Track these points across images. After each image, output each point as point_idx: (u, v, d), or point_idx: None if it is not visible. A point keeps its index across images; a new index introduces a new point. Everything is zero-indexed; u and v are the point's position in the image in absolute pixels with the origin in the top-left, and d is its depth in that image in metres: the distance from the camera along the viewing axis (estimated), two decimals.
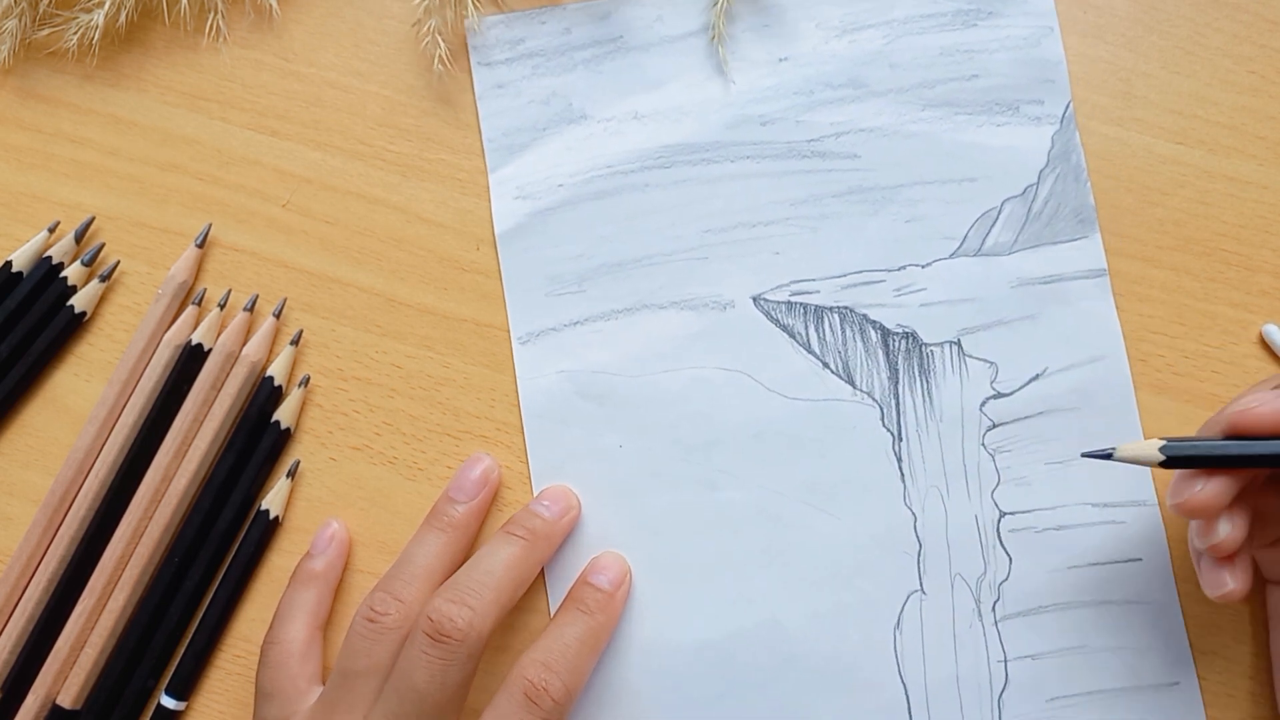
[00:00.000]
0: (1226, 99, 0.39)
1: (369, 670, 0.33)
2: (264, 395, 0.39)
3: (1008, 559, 0.37)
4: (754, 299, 0.38)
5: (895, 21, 0.39)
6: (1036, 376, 0.37)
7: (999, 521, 0.37)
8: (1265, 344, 0.37)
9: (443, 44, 0.40)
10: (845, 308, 0.38)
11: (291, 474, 0.39)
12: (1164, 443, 0.30)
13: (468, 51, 0.40)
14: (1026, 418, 0.37)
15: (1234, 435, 0.30)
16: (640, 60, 0.40)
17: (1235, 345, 0.37)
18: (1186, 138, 0.39)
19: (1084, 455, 0.33)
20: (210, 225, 0.40)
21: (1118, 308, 0.38)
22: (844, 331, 0.38)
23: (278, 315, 0.40)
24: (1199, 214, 0.38)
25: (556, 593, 0.37)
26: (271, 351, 0.40)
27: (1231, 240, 0.38)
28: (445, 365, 0.39)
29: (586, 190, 0.39)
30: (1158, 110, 0.39)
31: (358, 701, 0.33)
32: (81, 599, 0.38)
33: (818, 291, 0.38)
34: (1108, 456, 0.32)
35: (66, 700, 0.37)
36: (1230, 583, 0.30)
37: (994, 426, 0.37)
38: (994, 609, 0.37)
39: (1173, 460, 0.30)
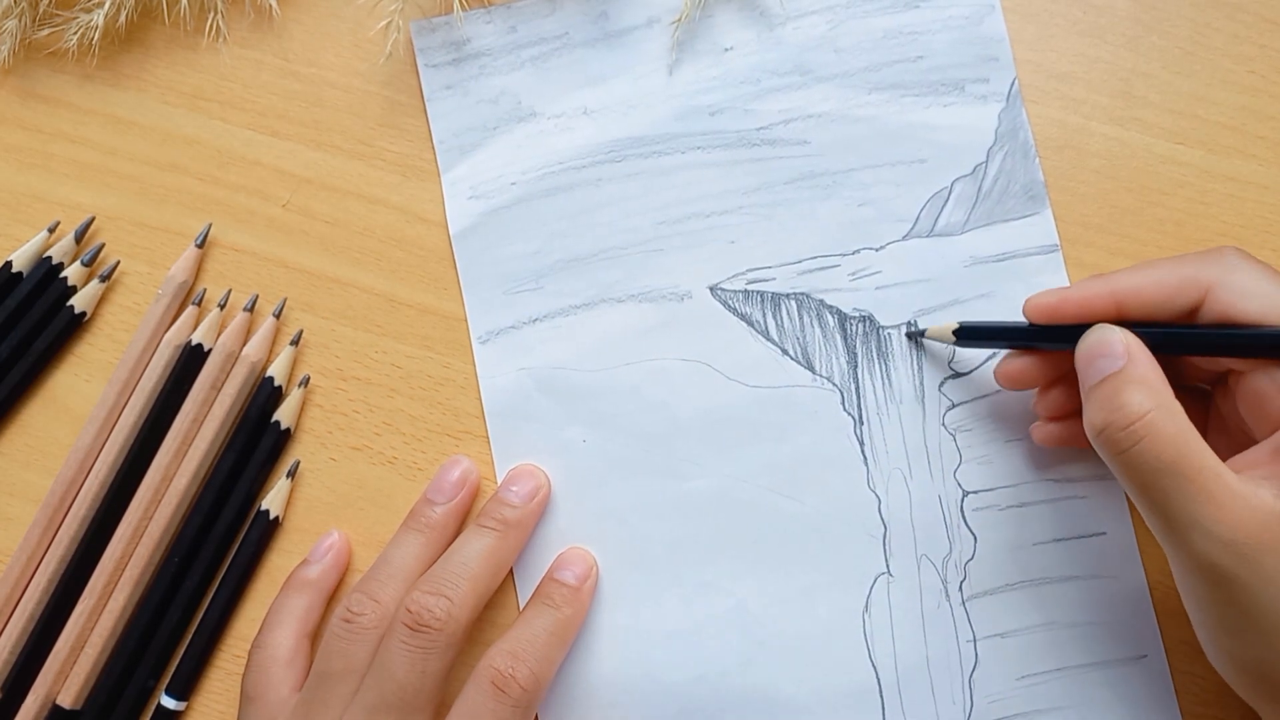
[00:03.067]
0: (1226, 99, 0.39)
1: (346, 671, 0.33)
2: (264, 395, 0.39)
3: (973, 538, 0.37)
4: (711, 289, 0.39)
5: (838, 6, 0.39)
6: (993, 355, 0.38)
7: (962, 501, 0.37)
8: None
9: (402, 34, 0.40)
10: (802, 294, 0.38)
11: (291, 474, 0.39)
12: (959, 324, 0.36)
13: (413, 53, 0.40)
14: (985, 396, 0.38)
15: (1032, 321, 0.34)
16: (586, 56, 0.40)
17: None
18: (1186, 138, 0.39)
19: (905, 334, 0.38)
20: (210, 225, 0.40)
21: None
22: (801, 318, 0.38)
23: (278, 315, 0.40)
24: (1199, 214, 0.38)
25: (525, 588, 0.38)
26: (271, 351, 0.40)
27: (1231, 240, 0.38)
28: (445, 365, 0.39)
29: (539, 187, 0.39)
30: (1158, 110, 0.39)
31: (335, 701, 0.33)
32: (81, 599, 0.38)
33: (774, 279, 0.39)
34: (922, 334, 0.37)
35: (66, 700, 0.37)
36: (1057, 434, 0.35)
37: (954, 406, 0.38)
38: (961, 589, 0.37)
39: (963, 335, 0.36)
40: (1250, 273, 0.31)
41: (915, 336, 0.38)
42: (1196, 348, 0.31)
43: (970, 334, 0.36)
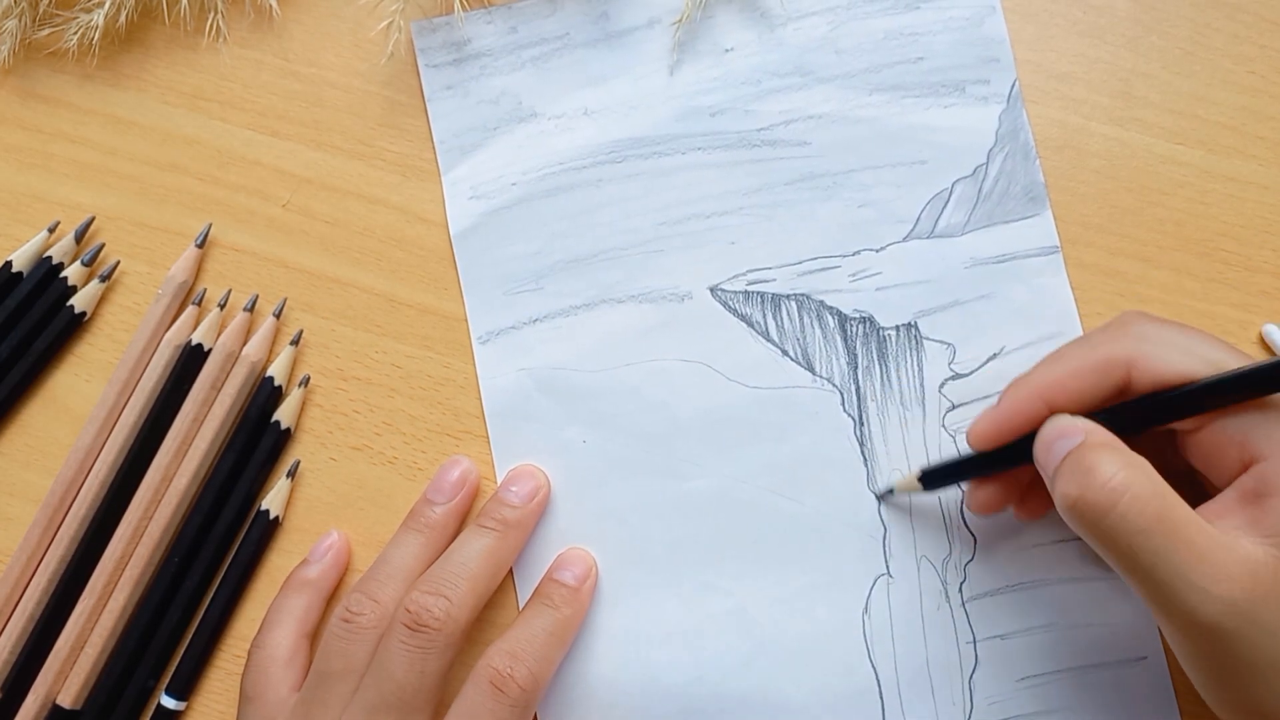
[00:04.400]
0: (1226, 99, 0.39)
1: (345, 671, 0.33)
2: (264, 395, 0.39)
3: (972, 539, 0.37)
4: (711, 289, 0.39)
5: (839, 8, 0.39)
6: (994, 356, 0.38)
7: (962, 502, 0.37)
8: (1265, 344, 0.38)
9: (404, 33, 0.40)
10: (802, 295, 0.38)
11: (291, 474, 0.39)
12: (921, 471, 0.36)
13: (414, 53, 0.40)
14: (986, 397, 0.38)
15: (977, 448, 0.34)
16: (587, 56, 0.40)
17: (1235, 345, 0.37)
18: (1186, 138, 0.39)
19: (878, 498, 0.37)
20: (210, 225, 0.40)
21: (1118, 308, 0.38)
22: (802, 318, 0.38)
23: (278, 315, 0.40)
24: (1199, 214, 0.38)
25: (525, 588, 0.38)
26: (271, 351, 0.40)
27: (1231, 240, 0.38)
28: (445, 365, 0.39)
29: (540, 187, 0.39)
30: (1158, 110, 0.39)
31: (334, 701, 0.33)
32: (81, 599, 0.38)
33: (774, 280, 0.39)
34: (890, 492, 0.37)
35: (66, 700, 0.37)
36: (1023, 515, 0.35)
37: (954, 407, 0.38)
38: (961, 590, 0.37)
39: (928, 482, 0.35)
40: (1162, 335, 0.31)
41: (883, 496, 0.37)
42: (1142, 420, 0.31)
43: (935, 477, 0.35)
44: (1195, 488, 0.32)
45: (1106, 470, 0.28)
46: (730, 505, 0.38)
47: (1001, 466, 0.34)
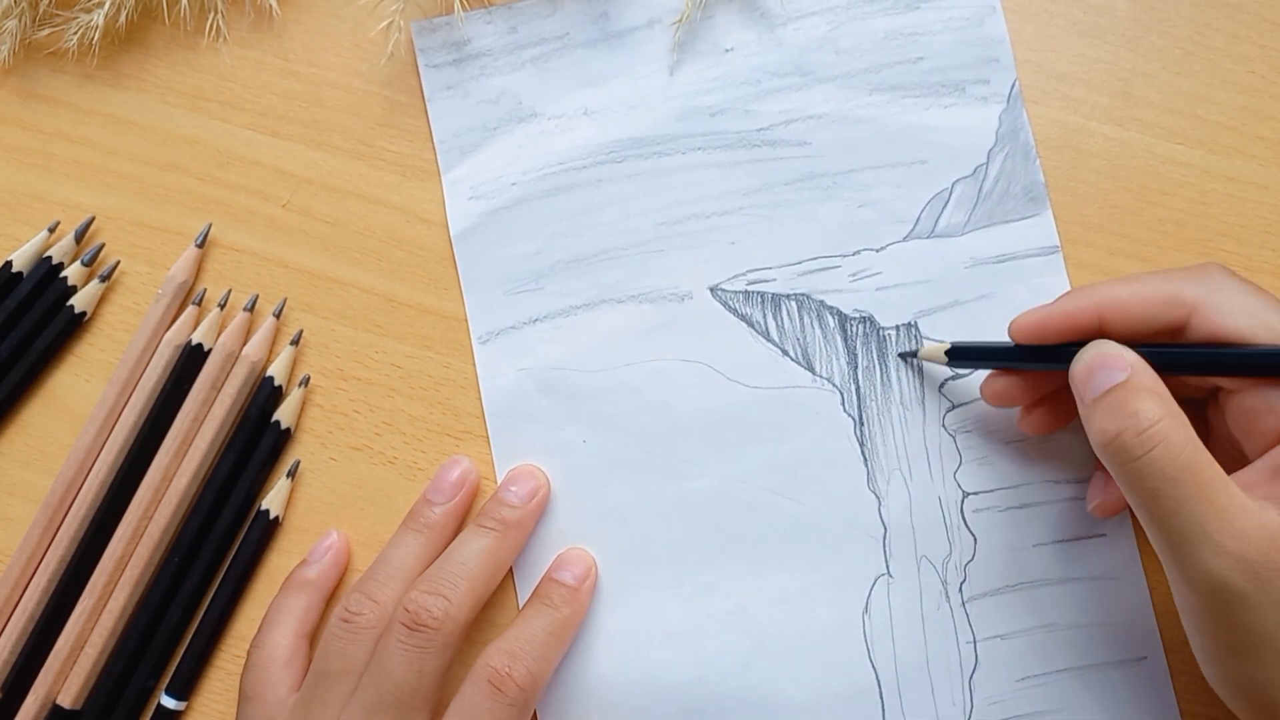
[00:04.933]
0: (1226, 99, 0.39)
1: (344, 670, 0.33)
2: (264, 395, 0.39)
3: (973, 539, 0.37)
4: (711, 289, 0.39)
5: (839, 7, 0.39)
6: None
7: (962, 502, 0.37)
8: None
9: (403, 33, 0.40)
10: (802, 295, 0.38)
11: (291, 474, 0.39)
12: (951, 344, 0.36)
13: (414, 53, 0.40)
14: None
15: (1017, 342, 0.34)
16: (587, 56, 0.40)
17: None
18: (1186, 138, 0.39)
19: (899, 354, 0.38)
20: (210, 225, 0.40)
21: None
22: (802, 318, 0.38)
23: (278, 315, 0.40)
24: (1199, 214, 0.38)
25: (524, 588, 0.38)
26: (271, 351, 0.40)
27: (1231, 240, 0.38)
28: (445, 365, 0.39)
29: (540, 187, 0.39)
30: (1158, 110, 0.39)
31: (333, 700, 0.33)
32: (81, 599, 0.38)
33: (774, 280, 0.39)
34: (914, 355, 0.37)
35: (66, 700, 0.37)
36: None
37: (954, 407, 0.38)
38: (961, 590, 0.37)
39: (955, 355, 0.36)
40: (1236, 291, 0.31)
41: (908, 356, 0.38)
42: (1188, 367, 0.31)
43: (962, 354, 0.36)
44: (1233, 457, 0.32)
45: (1148, 415, 0.29)
46: (730, 505, 0.38)
47: (1032, 363, 0.34)
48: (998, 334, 0.38)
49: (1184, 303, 0.31)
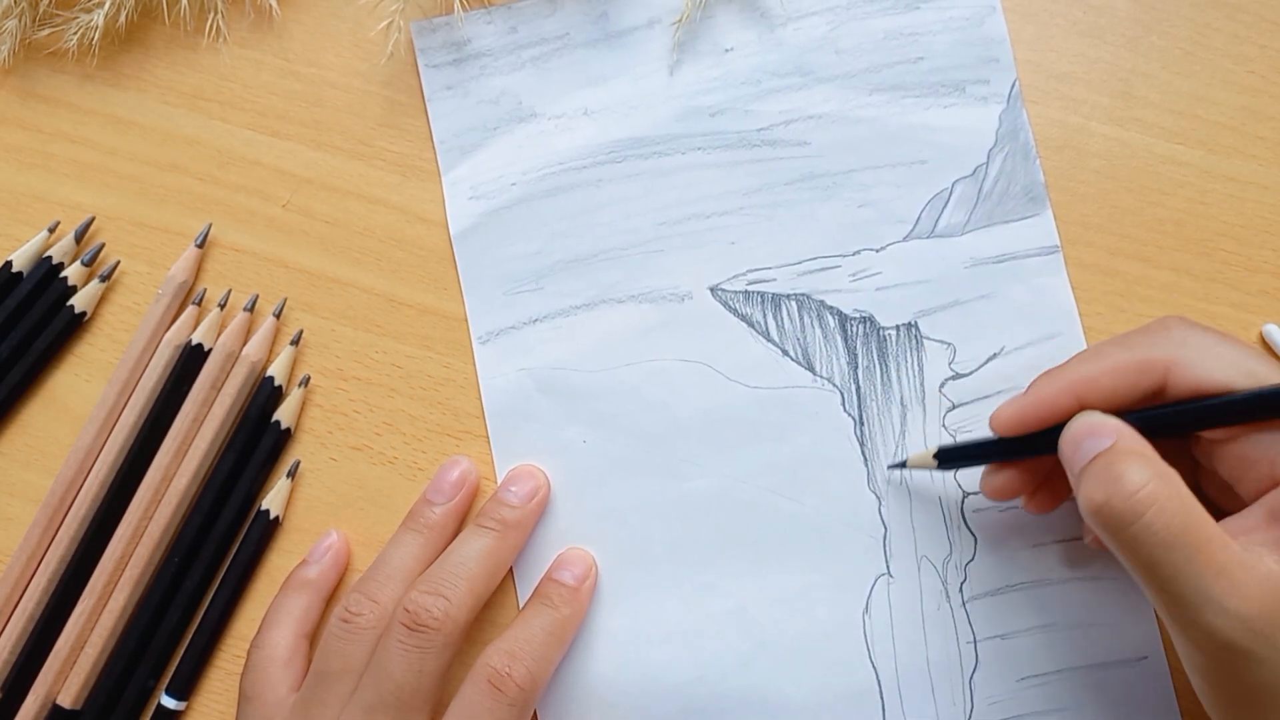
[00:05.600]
0: (1226, 99, 0.39)
1: (344, 670, 0.33)
2: (264, 395, 0.39)
3: (973, 539, 0.37)
4: (711, 289, 0.39)
5: (839, 7, 0.39)
6: (994, 355, 0.38)
7: (963, 502, 0.37)
8: (1265, 344, 0.38)
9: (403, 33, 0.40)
10: (802, 295, 0.38)
11: (291, 474, 0.39)
12: (938, 448, 0.35)
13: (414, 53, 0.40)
14: (986, 397, 0.38)
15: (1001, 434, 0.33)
16: (587, 56, 0.40)
17: None
18: (1186, 138, 0.39)
19: (889, 467, 0.37)
20: (210, 225, 0.40)
21: (1117, 308, 0.38)
22: (802, 318, 0.38)
23: (278, 315, 0.40)
24: (1199, 214, 0.38)
25: (525, 588, 0.38)
26: (271, 351, 0.40)
27: (1231, 240, 0.38)
28: (445, 365, 0.39)
29: (540, 188, 0.39)
30: (1158, 110, 0.39)
31: (332, 701, 0.33)
32: (81, 599, 0.38)
33: (774, 280, 0.39)
34: (903, 465, 0.37)
35: (66, 700, 0.37)
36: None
37: (954, 407, 0.38)
38: (961, 590, 0.37)
39: (944, 460, 0.35)
40: (1203, 342, 0.30)
41: (897, 467, 0.37)
42: (1176, 426, 0.31)
43: (952, 456, 0.35)
44: (1225, 495, 0.32)
45: (1135, 479, 0.28)
46: (730, 505, 0.38)
47: (1021, 454, 0.34)
48: (997, 334, 0.38)
49: (1155, 367, 0.31)
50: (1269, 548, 0.28)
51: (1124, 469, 0.28)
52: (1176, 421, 0.31)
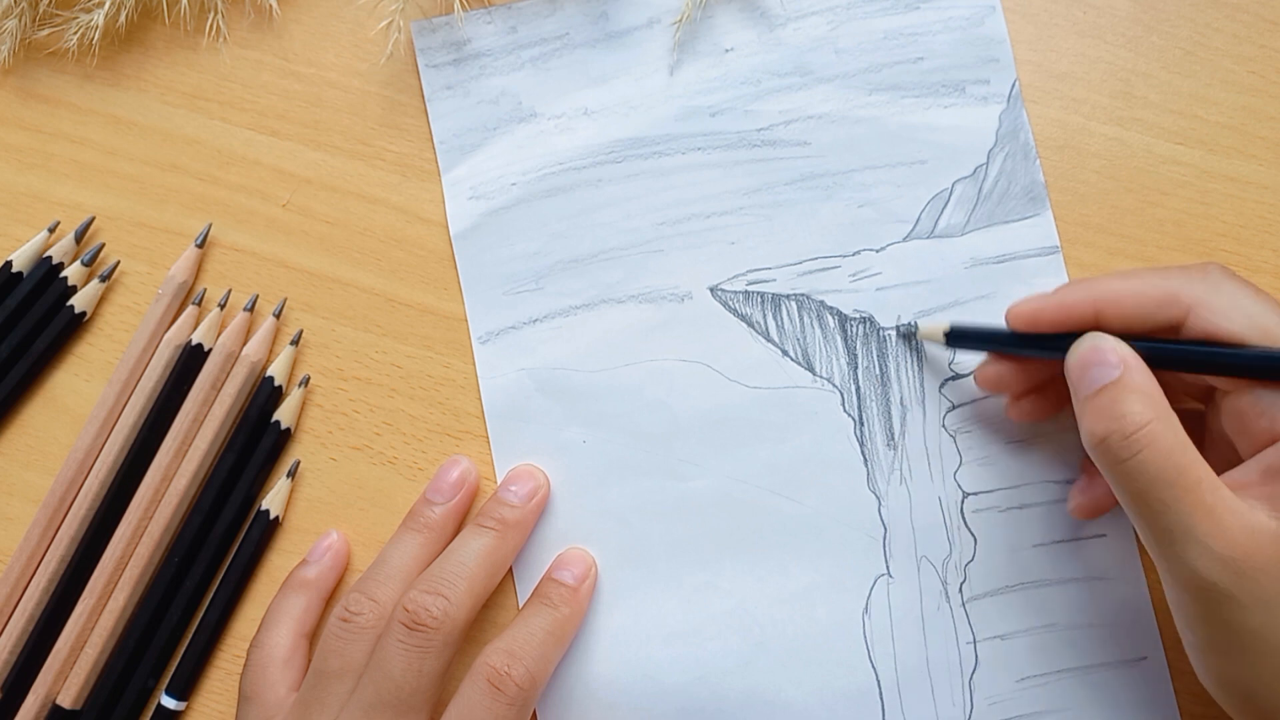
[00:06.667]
0: (1226, 99, 0.39)
1: (343, 670, 0.33)
2: (264, 395, 0.39)
3: (973, 540, 0.37)
4: (711, 289, 0.39)
5: (839, 7, 0.39)
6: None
7: (962, 502, 0.37)
8: None
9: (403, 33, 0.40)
10: (802, 295, 0.38)
11: (291, 474, 0.39)
12: (949, 325, 0.36)
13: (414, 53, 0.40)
14: (985, 398, 0.38)
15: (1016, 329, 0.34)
16: (587, 56, 0.40)
17: None
18: (1186, 138, 0.39)
19: (897, 329, 0.38)
20: (210, 225, 0.40)
21: None
22: (802, 319, 0.38)
23: (278, 315, 0.40)
24: (1199, 214, 0.38)
25: (524, 588, 0.38)
26: (271, 351, 0.40)
27: (1231, 240, 0.38)
28: (445, 365, 0.39)
29: (540, 188, 0.39)
30: (1158, 110, 0.39)
31: (332, 700, 0.33)
32: (81, 599, 0.38)
33: (774, 280, 0.39)
34: (914, 333, 0.37)
35: (66, 700, 0.37)
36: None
37: (954, 408, 0.38)
38: (961, 590, 0.37)
39: (954, 337, 0.36)
40: (1234, 292, 0.31)
41: (908, 335, 0.38)
42: (1182, 364, 0.31)
43: (961, 336, 0.36)
44: (1225, 448, 0.32)
45: (1135, 416, 0.29)
46: (730, 505, 0.38)
47: (1028, 351, 0.34)
48: None
49: (1181, 302, 0.31)
50: (1261, 502, 0.29)
51: (1127, 405, 0.29)
52: (1181, 358, 0.31)
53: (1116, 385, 0.30)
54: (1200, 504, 0.28)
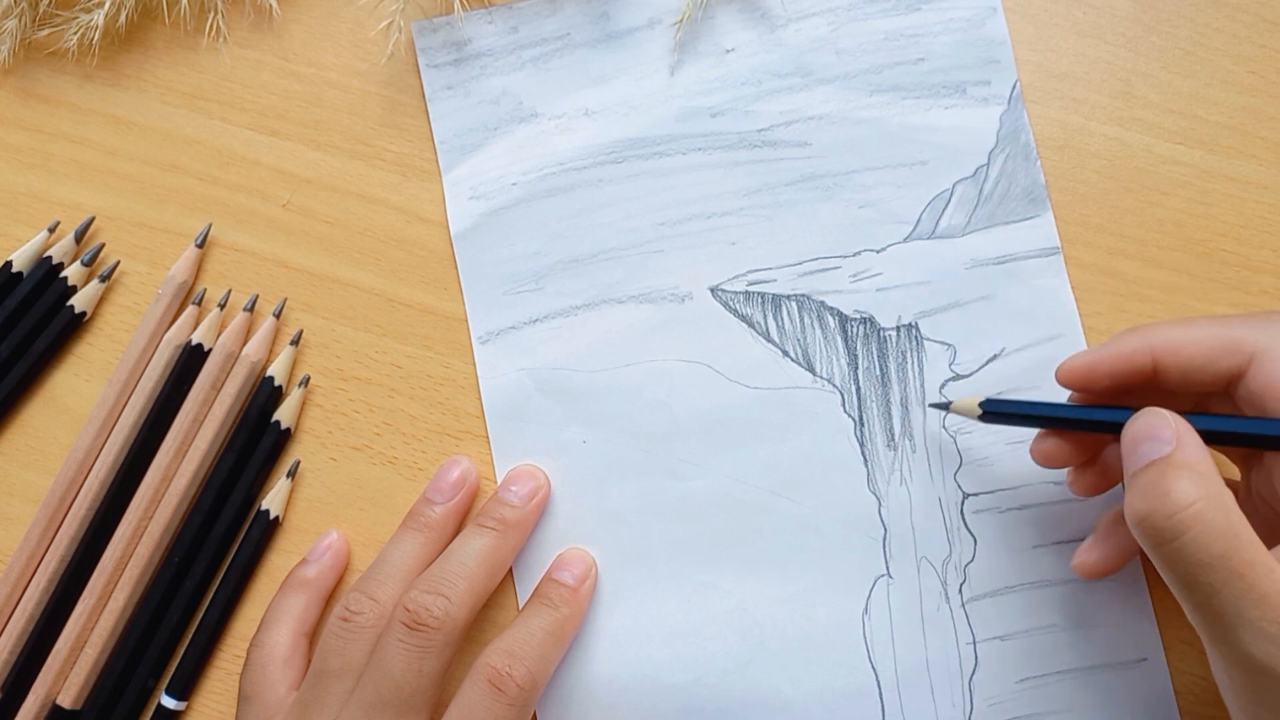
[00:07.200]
0: (1226, 99, 0.39)
1: (343, 669, 0.33)
2: (264, 395, 0.39)
3: (973, 540, 0.37)
4: (711, 290, 0.39)
5: (840, 8, 0.39)
6: (994, 357, 0.38)
7: (963, 503, 0.37)
8: None
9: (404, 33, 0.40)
10: (803, 295, 0.38)
11: (291, 474, 0.39)
12: (985, 399, 0.34)
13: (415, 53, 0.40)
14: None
15: (1069, 390, 0.32)
16: (588, 57, 0.40)
17: None
18: (1186, 138, 0.39)
19: (930, 405, 0.37)
20: (210, 225, 0.40)
21: (1118, 308, 0.38)
22: (802, 319, 0.38)
23: (278, 315, 0.40)
24: (1199, 214, 0.38)
25: (525, 588, 0.38)
26: (271, 351, 0.40)
27: (1231, 240, 0.38)
28: (445, 365, 0.39)
29: (540, 188, 0.39)
30: (1158, 110, 0.39)
31: (331, 700, 0.33)
32: (81, 599, 0.38)
33: (774, 280, 0.39)
34: (946, 407, 0.35)
35: (66, 700, 0.37)
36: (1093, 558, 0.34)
37: None
38: (961, 591, 0.37)
39: (989, 412, 0.33)
40: None
41: (940, 408, 0.37)
42: (1242, 440, 0.29)
43: (999, 411, 0.33)
44: (1265, 511, 0.31)
45: (1181, 497, 0.27)
46: (730, 506, 0.38)
47: (1077, 428, 0.32)
48: (998, 335, 0.38)
49: (1244, 350, 0.29)
50: None
51: (1172, 484, 0.27)
52: (1239, 435, 0.29)
53: (1165, 461, 0.28)
54: (1253, 587, 0.26)
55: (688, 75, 0.40)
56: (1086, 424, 0.32)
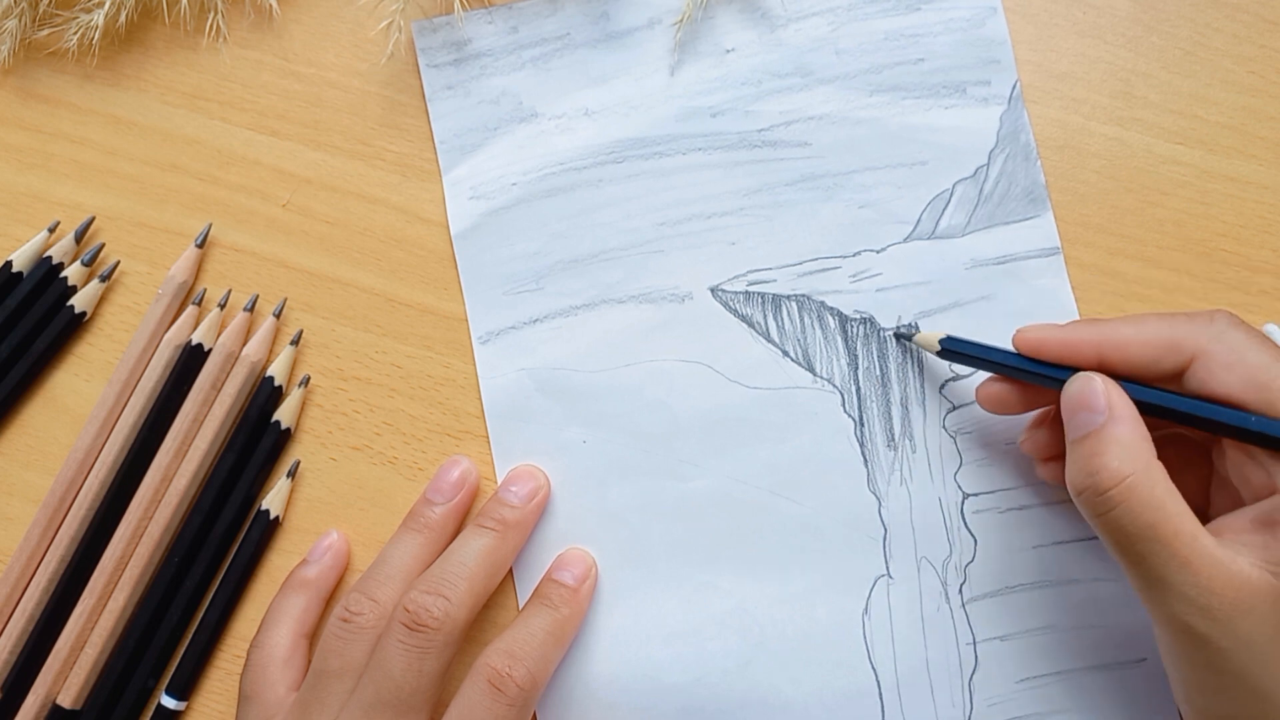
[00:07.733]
0: (1226, 99, 0.39)
1: (343, 670, 0.33)
2: (264, 395, 0.39)
3: (973, 541, 0.37)
4: (712, 290, 0.39)
5: (839, 8, 0.39)
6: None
7: (963, 503, 0.37)
8: None
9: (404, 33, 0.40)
10: (803, 295, 0.38)
11: (291, 474, 0.39)
12: (945, 335, 0.36)
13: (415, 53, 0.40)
14: None
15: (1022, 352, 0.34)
16: (588, 57, 0.40)
17: None
18: (1186, 138, 0.39)
19: (892, 332, 0.38)
20: (210, 225, 0.40)
21: (1118, 308, 0.38)
22: (802, 319, 0.38)
23: (278, 315, 0.40)
24: (1199, 214, 0.38)
25: (524, 588, 0.38)
26: (271, 351, 0.40)
27: (1231, 240, 0.38)
28: (445, 365, 0.39)
29: (540, 188, 0.39)
30: (1158, 110, 0.39)
31: (331, 700, 0.33)
32: (81, 599, 0.38)
33: (774, 280, 0.39)
34: (909, 337, 0.37)
35: (66, 700, 0.37)
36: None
37: (954, 409, 0.38)
38: (961, 591, 0.37)
39: (948, 349, 0.35)
40: (1237, 342, 0.30)
41: (902, 338, 0.38)
42: (1173, 416, 0.31)
43: (955, 349, 0.35)
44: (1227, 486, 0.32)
45: (1112, 472, 0.29)
46: (730, 506, 0.38)
47: (1024, 376, 0.34)
48: (999, 336, 0.38)
49: (1183, 350, 0.31)
50: (1248, 549, 0.29)
51: (1106, 459, 0.29)
52: (1173, 413, 0.31)
53: (1098, 436, 0.30)
54: (1177, 554, 0.28)
55: (688, 75, 0.40)
56: (1030, 374, 0.33)
